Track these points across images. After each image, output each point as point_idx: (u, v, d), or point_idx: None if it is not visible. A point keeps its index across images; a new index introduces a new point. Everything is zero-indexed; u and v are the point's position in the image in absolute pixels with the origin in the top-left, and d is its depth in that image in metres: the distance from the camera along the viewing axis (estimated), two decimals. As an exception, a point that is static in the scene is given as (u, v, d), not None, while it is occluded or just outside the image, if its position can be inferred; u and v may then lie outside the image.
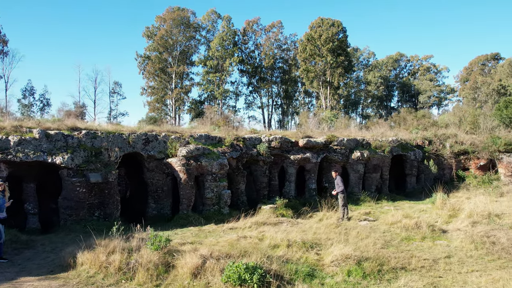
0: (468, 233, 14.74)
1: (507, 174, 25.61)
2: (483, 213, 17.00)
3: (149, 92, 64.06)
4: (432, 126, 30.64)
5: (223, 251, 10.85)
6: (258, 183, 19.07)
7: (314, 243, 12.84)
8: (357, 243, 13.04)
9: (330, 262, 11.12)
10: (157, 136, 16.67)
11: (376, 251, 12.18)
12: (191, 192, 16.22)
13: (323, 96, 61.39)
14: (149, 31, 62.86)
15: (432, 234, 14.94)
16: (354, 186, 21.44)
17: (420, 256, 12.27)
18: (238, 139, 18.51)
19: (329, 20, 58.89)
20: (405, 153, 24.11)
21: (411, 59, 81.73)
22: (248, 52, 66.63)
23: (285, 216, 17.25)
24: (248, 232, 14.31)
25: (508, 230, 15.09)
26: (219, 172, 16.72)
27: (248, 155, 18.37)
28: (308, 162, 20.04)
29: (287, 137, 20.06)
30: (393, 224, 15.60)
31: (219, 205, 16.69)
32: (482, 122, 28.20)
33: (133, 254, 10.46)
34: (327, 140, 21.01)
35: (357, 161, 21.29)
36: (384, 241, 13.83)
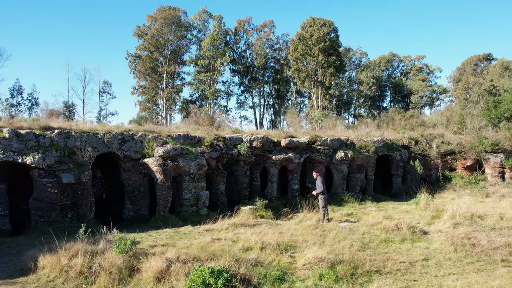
0: (449, 234, 14.53)
1: (494, 175, 25.42)
2: (465, 214, 16.78)
3: (140, 92, 63.67)
4: (420, 126, 30.44)
5: (192, 254, 10.54)
6: (239, 184, 18.76)
7: (289, 246, 12.54)
8: (333, 246, 12.76)
9: (302, 265, 10.83)
10: (133, 136, 16.33)
11: (351, 254, 11.88)
12: (168, 193, 15.88)
13: (315, 96, 61.19)
14: (140, 30, 62.43)
15: (413, 236, 14.69)
16: (338, 187, 21.16)
17: (397, 258, 12.00)
18: (218, 139, 18.19)
19: (321, 20, 58.68)
20: (391, 153, 23.86)
21: (404, 59, 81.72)
22: (240, 51, 66.37)
23: (265, 218, 16.95)
24: (224, 234, 14.00)
25: (490, 232, 14.89)
26: (197, 172, 16.39)
27: (229, 155, 18.05)
28: (290, 162, 19.74)
29: (269, 137, 19.75)
30: (373, 226, 15.33)
31: (197, 206, 16.37)
32: (469, 122, 28.01)
33: (97, 257, 10.12)
34: (311, 140, 20.72)
35: (341, 161, 21.02)
36: (361, 243, 13.55)
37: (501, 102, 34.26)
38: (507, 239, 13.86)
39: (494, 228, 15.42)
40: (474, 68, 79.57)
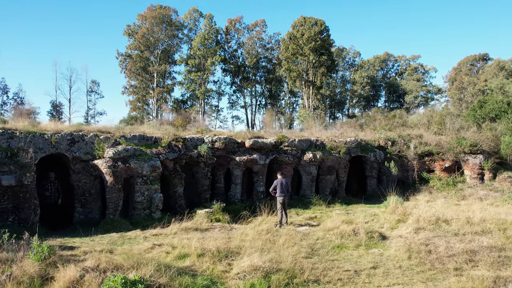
0: (408, 240, 13.91)
1: (472, 176, 24.72)
2: (430, 218, 16.12)
3: (130, 91, 63.14)
4: (401, 126, 29.74)
5: (114, 262, 9.93)
6: (199, 186, 18.13)
7: (231, 252, 11.93)
8: (279, 252, 12.18)
9: (235, 274, 10.25)
10: (84, 136, 15.73)
11: (294, 262, 11.28)
12: (118, 195, 15.28)
13: (306, 96, 60.53)
14: (130, 29, 61.90)
15: (369, 241, 14.06)
16: (306, 189, 20.50)
17: (342, 266, 11.40)
18: (177, 140, 17.58)
19: (312, 19, 57.99)
20: (365, 154, 23.18)
21: (399, 59, 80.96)
22: (231, 51, 65.72)
23: (221, 221, 16.33)
24: (169, 239, 13.41)
25: (451, 237, 14.28)
26: (151, 174, 15.78)
27: (188, 157, 17.44)
28: (255, 164, 19.10)
29: (233, 138, 19.12)
30: (330, 231, 14.69)
31: (150, 210, 15.78)
32: (449, 123, 27.29)
33: (13, 265, 9.53)
34: (277, 141, 20.08)
35: (310, 162, 20.36)
36: (311, 249, 12.94)
37: (486, 102, 33.55)
38: (467, 245, 13.26)
39: (458, 233, 14.80)
40: (470, 68, 78.89)
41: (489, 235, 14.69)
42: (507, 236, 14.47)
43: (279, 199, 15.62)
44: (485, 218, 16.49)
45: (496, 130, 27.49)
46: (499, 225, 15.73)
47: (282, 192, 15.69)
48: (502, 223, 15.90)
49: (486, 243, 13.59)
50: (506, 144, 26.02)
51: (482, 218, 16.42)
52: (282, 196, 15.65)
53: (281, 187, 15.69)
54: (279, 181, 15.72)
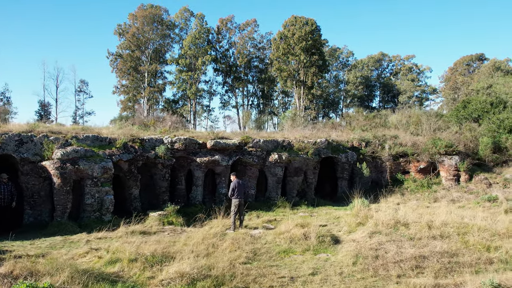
0: (360, 244, 13.48)
1: (448, 178, 24.22)
2: (389, 222, 15.67)
3: (121, 91, 62.85)
4: (381, 127, 29.24)
5: (32, 268, 9.52)
6: (158, 188, 17.71)
7: (167, 257, 11.52)
8: (218, 257, 11.77)
9: (160, 281, 9.85)
10: (33, 137, 15.33)
11: (229, 267, 10.85)
12: (67, 197, 14.88)
13: (297, 96, 60.07)
14: (121, 28, 61.57)
15: (319, 246, 13.62)
16: (272, 191, 20.05)
17: (279, 273, 10.98)
18: (134, 141, 17.16)
19: (303, 18, 57.52)
20: (336, 156, 22.71)
21: (393, 59, 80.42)
22: (223, 51, 65.29)
23: (174, 224, 15.93)
24: (112, 243, 12.96)
25: (405, 242, 13.85)
26: (102, 176, 15.38)
27: (144, 158, 17.01)
28: (217, 165, 18.66)
29: (194, 138, 18.66)
30: (281, 234, 14.24)
31: (100, 212, 15.38)
32: (425, 123, 26.77)
33: None
34: (241, 142, 19.63)
35: (275, 163, 19.90)
36: (254, 254, 12.50)
37: (470, 102, 33.05)
38: (418, 250, 12.85)
39: (413, 237, 14.36)
40: (467, 68, 78.38)
41: (447, 240, 14.26)
42: (465, 240, 14.02)
43: (235, 201, 15.17)
44: (447, 221, 16.05)
45: (475, 131, 27.00)
46: (460, 229, 15.27)
47: (239, 194, 15.23)
48: (463, 227, 15.44)
49: (439, 248, 13.17)
50: (484, 145, 25.56)
51: (443, 222, 15.98)
52: (239, 198, 15.20)
53: (238, 189, 15.23)
54: (236, 183, 15.23)
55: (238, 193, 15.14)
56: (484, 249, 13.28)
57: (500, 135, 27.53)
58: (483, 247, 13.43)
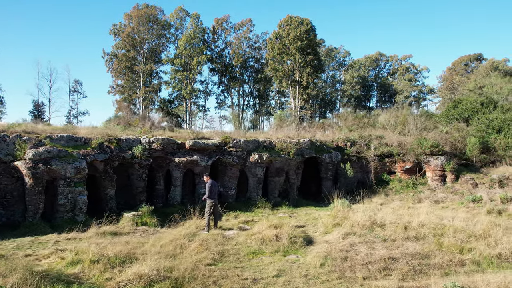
0: (332, 246, 13.34)
1: (434, 178, 24.02)
2: (365, 223, 15.53)
3: (116, 91, 62.72)
4: (369, 127, 29.03)
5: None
6: (135, 188, 17.56)
7: (131, 258, 11.38)
8: (184, 258, 11.63)
9: (117, 282, 9.69)
10: (5, 137, 15.21)
11: (192, 269, 10.69)
12: (39, 198, 14.75)
13: (292, 96, 59.92)
14: (116, 28, 61.40)
15: (291, 247, 13.48)
16: (252, 191, 19.87)
17: (242, 274, 10.82)
18: (110, 141, 17.01)
19: (298, 18, 57.35)
20: (320, 156, 22.52)
21: (390, 59, 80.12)
22: (218, 50, 65.13)
23: (148, 225, 15.80)
24: (80, 244, 12.81)
25: (378, 243, 13.72)
26: (75, 176, 15.25)
27: (120, 158, 16.86)
28: (196, 165, 18.50)
29: (173, 139, 18.51)
30: (253, 235, 14.08)
31: (73, 212, 15.25)
32: (412, 123, 26.56)
33: None
34: (222, 142, 19.47)
35: (256, 164, 19.73)
36: (222, 255, 12.35)
37: (460, 102, 32.83)
38: (389, 252, 12.71)
39: (388, 239, 14.23)
40: (465, 68, 78.12)
41: (421, 241, 14.13)
42: (440, 242, 13.85)
43: (210, 202, 15.03)
44: (424, 223, 15.89)
45: (463, 131, 26.79)
46: (437, 230, 15.13)
47: (213, 195, 15.10)
48: (440, 228, 15.28)
49: (411, 250, 13.03)
50: (472, 145, 25.36)
51: (421, 223, 15.83)
52: (212, 199, 15.06)
53: (212, 190, 15.10)
54: (211, 184, 15.08)
55: (213, 194, 15.02)
56: (457, 251, 13.13)
57: (488, 135, 27.33)
58: (457, 248, 13.27)
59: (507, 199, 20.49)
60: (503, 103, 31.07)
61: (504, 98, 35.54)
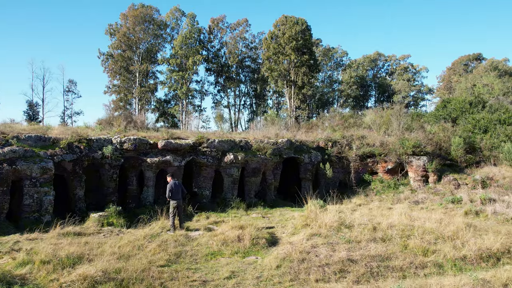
0: (294, 247, 13.19)
1: (416, 179, 23.77)
2: (333, 224, 15.37)
3: (112, 91, 62.78)
4: (356, 126, 28.78)
5: None
6: (105, 188, 17.45)
7: (83, 259, 11.30)
8: (139, 259, 11.56)
9: (61, 283, 9.63)
10: (-30, 137, 15.17)
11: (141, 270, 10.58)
12: (3, 198, 14.70)
13: (288, 96, 59.72)
14: (112, 28, 61.45)
15: (252, 248, 13.40)
16: (228, 192, 19.71)
17: (192, 276, 10.74)
18: (80, 141, 16.92)
19: (293, 18, 57.08)
20: (299, 156, 22.32)
21: (389, 59, 79.70)
22: (215, 50, 65.05)
23: (114, 225, 15.69)
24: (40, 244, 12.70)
25: (341, 245, 13.59)
26: (42, 176, 15.17)
27: (90, 158, 16.76)
28: (169, 166, 18.37)
29: (145, 139, 18.39)
30: (216, 236, 13.96)
31: (39, 213, 15.17)
32: (395, 123, 26.29)
33: None
34: (196, 142, 19.32)
35: (231, 164, 19.57)
36: (178, 257, 12.25)
37: (449, 102, 32.53)
38: (349, 254, 12.59)
39: (353, 240, 14.06)
40: (464, 68, 77.71)
41: (387, 243, 13.98)
42: (405, 244, 13.72)
43: (173, 203, 14.95)
44: (394, 224, 15.75)
45: (448, 131, 26.51)
46: (405, 231, 14.99)
47: (176, 196, 15.02)
48: (409, 230, 15.15)
49: (373, 252, 12.89)
50: (456, 145, 25.10)
51: (390, 224, 15.70)
52: (176, 200, 14.97)
53: (175, 191, 15.00)
54: (172, 185, 15.01)
55: (175, 195, 14.94)
56: (421, 253, 12.98)
57: (474, 136, 27.04)
58: (421, 250, 13.13)
59: (488, 200, 20.22)
60: (492, 103, 30.75)
61: (496, 98, 35.24)
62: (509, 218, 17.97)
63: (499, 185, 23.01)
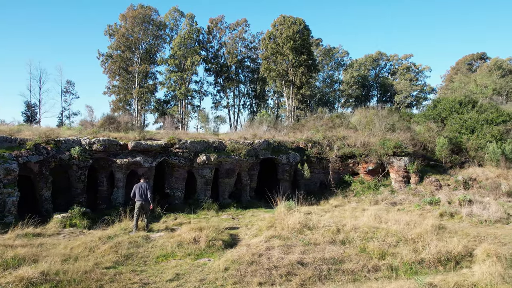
0: (250, 249, 13.10)
1: (397, 179, 23.49)
2: (295, 226, 15.23)
3: (112, 92, 63.08)
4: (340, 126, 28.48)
5: None
6: (73, 189, 17.44)
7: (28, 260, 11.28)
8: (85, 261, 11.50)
9: (-6, 285, 9.58)
10: None
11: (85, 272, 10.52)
12: (-35, 199, 14.74)
13: (286, 96, 59.54)
14: (111, 29, 61.77)
15: (208, 250, 13.31)
16: (200, 193, 19.60)
17: (133, 278, 10.70)
18: (48, 142, 16.94)
19: (291, 18, 56.91)
20: (276, 157, 22.14)
21: (391, 58, 79.09)
22: (214, 51, 65.09)
23: (77, 226, 15.68)
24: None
25: (297, 247, 13.42)
26: (5, 177, 15.21)
27: (57, 159, 16.76)
28: (140, 167, 18.33)
29: (116, 140, 18.36)
30: (172, 238, 13.85)
31: (2, 214, 15.18)
32: (377, 123, 25.98)
33: None
34: (168, 143, 19.25)
35: (203, 165, 19.47)
36: (127, 258, 12.16)
37: (440, 102, 32.13)
38: (300, 256, 12.47)
39: (313, 242, 13.91)
40: (469, 67, 76.93)
41: (346, 245, 13.80)
42: (364, 247, 13.55)
43: (137, 204, 14.95)
44: (359, 226, 15.57)
45: (433, 131, 26.17)
46: (368, 234, 14.80)
47: (140, 197, 15.01)
48: (373, 232, 14.94)
49: (328, 254, 12.75)
50: (441, 145, 24.77)
51: (354, 226, 15.51)
52: (139, 201, 14.97)
53: (139, 192, 15.00)
54: (137, 186, 15.08)
55: (138, 196, 14.94)
56: (377, 256, 12.78)
57: (461, 136, 26.66)
58: (379, 253, 12.94)
59: (466, 201, 19.90)
60: (483, 103, 30.30)
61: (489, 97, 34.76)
62: (482, 220, 17.67)
63: (481, 186, 22.66)
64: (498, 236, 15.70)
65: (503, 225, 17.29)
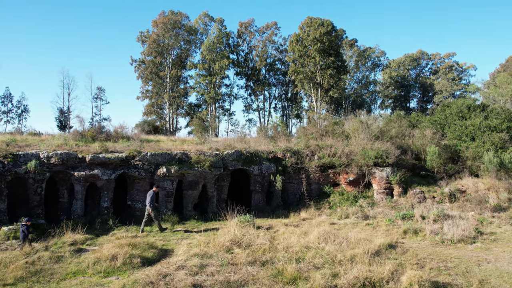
0: (162, 268, 13.02)
1: (379, 191, 22.36)
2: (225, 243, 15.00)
3: (145, 96, 64.89)
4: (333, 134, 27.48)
5: None
6: (30, 202, 18.02)
7: None
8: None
9: None
10: None
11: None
12: None
13: (314, 98, 58.57)
14: (143, 36, 63.65)
15: (123, 267, 13.28)
16: (161, 205, 19.62)
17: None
18: (6, 156, 17.63)
19: (318, 19, 55.95)
20: (247, 168, 21.73)
21: (433, 57, 75.53)
22: (244, 54, 65.23)
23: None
24: None
25: (210, 267, 13.23)
26: (-43, 191, 16.01)
27: (13, 173, 17.42)
28: (98, 179, 18.64)
29: (74, 153, 18.76)
30: (93, 254, 13.93)
31: (-46, 226, 15.99)
32: (362, 132, 24.76)
33: None
34: (129, 155, 19.42)
35: (164, 177, 19.47)
36: (33, 275, 12.38)
37: (449, 106, 30.24)
38: (201, 278, 12.22)
39: (232, 263, 13.61)
40: (520, 64, 72.13)
41: (266, 266, 13.30)
42: (282, 268, 12.93)
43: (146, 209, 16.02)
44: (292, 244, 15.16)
45: (426, 139, 24.64)
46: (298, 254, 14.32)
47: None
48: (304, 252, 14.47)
49: (234, 277, 12.38)
50: (431, 154, 23.33)
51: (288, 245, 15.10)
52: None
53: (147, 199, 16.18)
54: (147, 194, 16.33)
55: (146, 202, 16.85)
56: (288, 280, 12.24)
57: (460, 143, 24.91)
58: (293, 277, 12.39)
59: (441, 217, 18.58)
60: (493, 107, 28.15)
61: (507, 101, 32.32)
62: (445, 239, 16.39)
63: (468, 199, 21.07)
64: (449, 258, 14.54)
65: (466, 245, 15.94)
